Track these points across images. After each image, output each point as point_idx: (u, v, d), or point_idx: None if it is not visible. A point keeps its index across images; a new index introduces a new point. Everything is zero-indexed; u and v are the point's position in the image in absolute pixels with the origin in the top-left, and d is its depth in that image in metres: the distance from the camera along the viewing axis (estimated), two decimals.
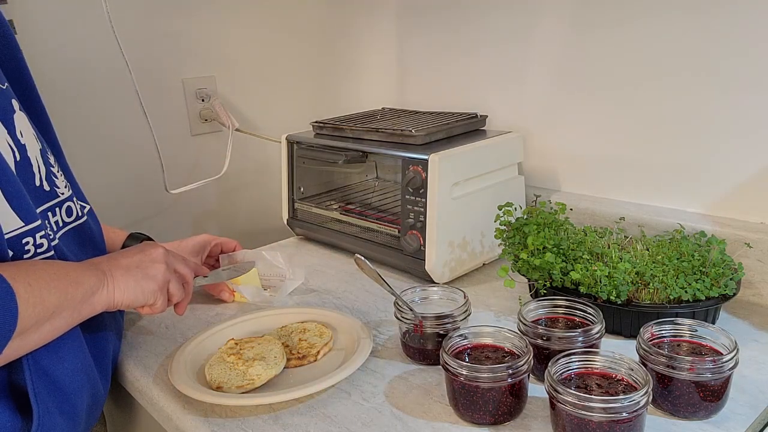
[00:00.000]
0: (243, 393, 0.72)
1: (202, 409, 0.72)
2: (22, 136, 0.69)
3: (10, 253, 0.63)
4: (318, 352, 0.80)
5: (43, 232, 0.66)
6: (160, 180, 1.27)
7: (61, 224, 0.74)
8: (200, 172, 1.39)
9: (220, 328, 0.87)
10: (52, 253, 0.67)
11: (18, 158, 0.67)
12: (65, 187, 0.77)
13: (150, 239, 0.98)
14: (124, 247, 0.94)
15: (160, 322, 0.93)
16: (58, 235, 0.72)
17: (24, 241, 0.64)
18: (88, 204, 0.84)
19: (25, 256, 0.64)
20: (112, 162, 1.29)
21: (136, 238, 0.96)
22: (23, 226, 0.64)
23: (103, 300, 0.69)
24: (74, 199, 0.78)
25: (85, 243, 0.78)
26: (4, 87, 0.69)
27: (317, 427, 0.68)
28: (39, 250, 0.66)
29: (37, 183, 0.70)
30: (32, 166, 0.70)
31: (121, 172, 1.30)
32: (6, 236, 0.62)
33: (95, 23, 1.16)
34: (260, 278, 1.03)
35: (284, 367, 0.77)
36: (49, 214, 0.72)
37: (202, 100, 1.38)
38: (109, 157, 1.28)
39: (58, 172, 0.76)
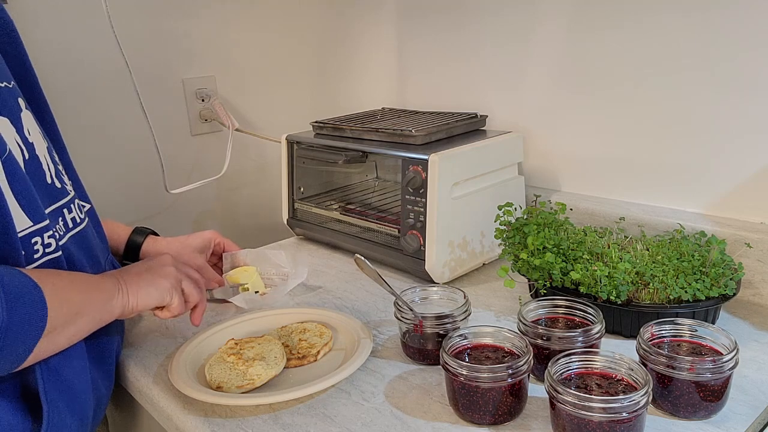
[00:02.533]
0: (243, 393, 0.72)
1: (202, 409, 0.72)
2: (29, 135, 0.68)
3: (22, 252, 0.62)
4: (318, 352, 0.80)
5: (50, 232, 0.66)
6: (160, 180, 1.27)
7: (77, 221, 0.74)
8: (200, 172, 1.40)
9: (220, 328, 0.87)
10: (60, 253, 0.67)
11: (27, 156, 0.67)
12: (70, 185, 0.77)
13: (155, 233, 0.99)
14: (129, 241, 0.96)
15: (160, 323, 0.93)
16: (68, 235, 0.72)
17: (33, 240, 0.64)
18: (90, 203, 0.84)
19: (35, 256, 0.64)
20: (112, 162, 1.29)
21: (141, 233, 0.97)
22: (32, 226, 0.64)
23: (120, 304, 0.69)
24: (76, 199, 0.78)
25: (90, 242, 0.78)
26: (11, 85, 0.69)
27: (317, 427, 0.68)
28: (47, 250, 0.65)
29: (49, 180, 0.70)
30: (42, 164, 0.70)
31: (121, 172, 1.30)
32: None
33: (95, 23, 1.16)
34: (263, 278, 1.03)
35: (284, 367, 0.77)
36: (65, 210, 0.72)
37: (202, 100, 1.38)
38: (109, 157, 1.28)
39: (62, 170, 0.76)
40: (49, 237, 0.66)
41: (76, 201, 0.76)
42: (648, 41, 1.00)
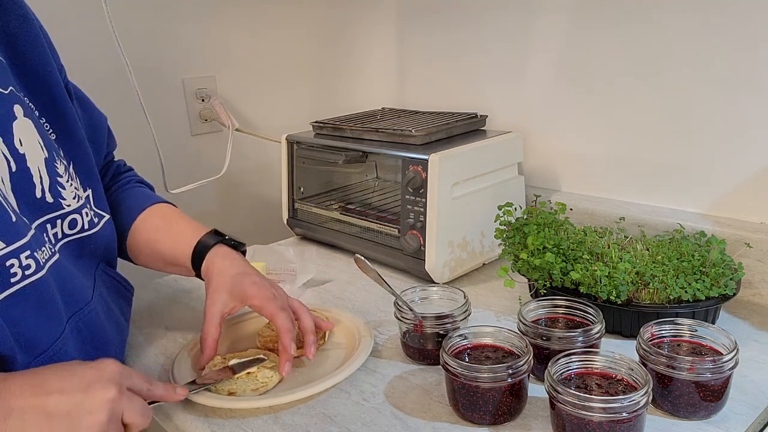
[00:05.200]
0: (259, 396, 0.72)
1: (202, 409, 0.72)
2: (21, 145, 0.65)
3: None
4: (324, 334, 0.82)
5: (28, 252, 0.60)
6: (160, 180, 1.26)
7: (60, 236, 0.70)
8: (200, 172, 1.39)
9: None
10: (44, 272, 0.62)
11: (14, 169, 0.64)
12: (74, 198, 0.72)
13: (240, 246, 0.86)
14: (195, 254, 0.82)
15: (160, 323, 0.94)
16: (57, 247, 0.68)
17: (8, 263, 0.58)
18: (108, 213, 0.80)
19: (12, 280, 0.59)
20: None
21: (223, 241, 0.83)
22: (4, 248, 0.58)
23: None
24: (83, 211, 0.73)
25: (84, 255, 0.74)
26: (7, 91, 0.66)
27: (317, 427, 0.68)
28: (27, 272, 0.60)
29: (38, 194, 0.67)
30: (32, 176, 0.66)
31: None
32: None
33: (95, 23, 1.16)
34: (272, 274, 1.03)
35: (295, 357, 0.77)
36: (48, 225, 0.68)
37: (202, 100, 1.38)
38: None
39: (67, 182, 0.72)
40: (27, 257, 0.60)
41: (72, 216, 0.71)
42: (647, 41, 1.00)
